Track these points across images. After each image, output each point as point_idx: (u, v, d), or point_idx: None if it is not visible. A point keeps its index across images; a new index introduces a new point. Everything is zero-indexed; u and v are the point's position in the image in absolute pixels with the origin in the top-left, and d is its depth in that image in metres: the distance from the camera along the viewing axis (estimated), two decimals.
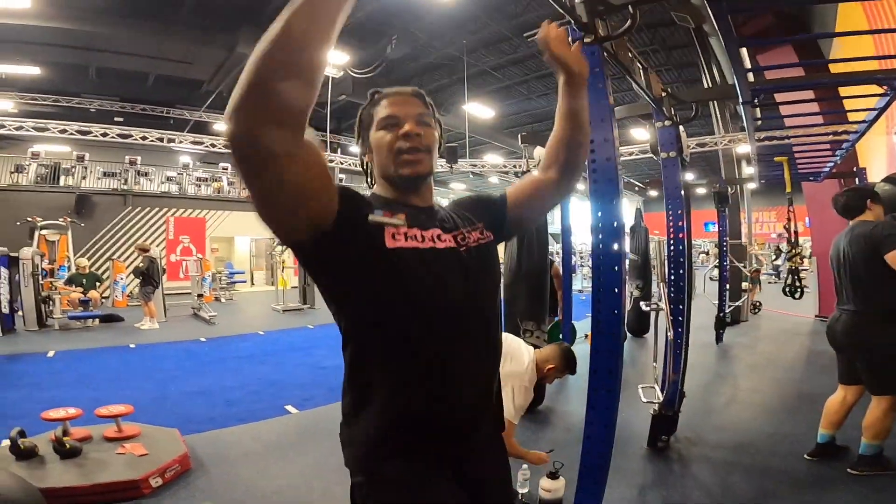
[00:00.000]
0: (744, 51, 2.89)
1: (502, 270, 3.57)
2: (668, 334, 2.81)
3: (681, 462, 2.76)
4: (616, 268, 1.58)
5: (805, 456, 2.69)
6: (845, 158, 4.30)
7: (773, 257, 16.90)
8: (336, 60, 10.33)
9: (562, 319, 4.27)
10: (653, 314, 3.26)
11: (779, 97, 3.78)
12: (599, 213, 1.66)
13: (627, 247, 7.36)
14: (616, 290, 1.57)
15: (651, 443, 2.90)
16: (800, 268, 5.02)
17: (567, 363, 2.35)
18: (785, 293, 4.92)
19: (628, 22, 1.97)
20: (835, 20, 4.10)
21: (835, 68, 2.73)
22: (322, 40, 0.57)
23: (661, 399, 2.91)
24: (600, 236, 1.64)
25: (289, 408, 3.74)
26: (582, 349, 2.05)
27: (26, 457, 2.37)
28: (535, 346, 3.56)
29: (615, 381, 1.62)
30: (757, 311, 8.40)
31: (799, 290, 5.03)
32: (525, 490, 2.42)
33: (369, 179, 0.98)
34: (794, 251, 4.41)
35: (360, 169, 1.07)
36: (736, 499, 2.32)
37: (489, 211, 1.02)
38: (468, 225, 0.95)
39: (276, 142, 0.57)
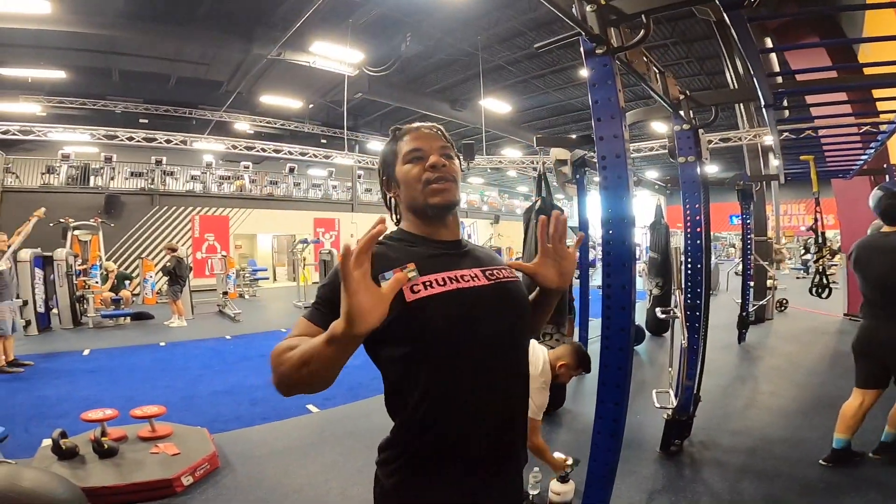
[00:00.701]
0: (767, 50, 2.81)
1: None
2: (683, 341, 2.79)
3: (692, 467, 2.77)
4: (625, 286, 1.60)
5: (820, 461, 2.67)
6: (876, 155, 4.15)
7: (803, 251, 16.36)
8: (351, 59, 10.41)
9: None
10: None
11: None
12: (609, 231, 1.67)
13: (647, 243, 7.27)
14: (624, 307, 1.59)
15: (664, 447, 2.91)
16: (827, 265, 4.88)
17: (579, 360, 2.41)
18: (811, 293, 4.80)
19: (641, 32, 1.95)
20: (863, 15, 3.93)
21: (868, 70, 2.64)
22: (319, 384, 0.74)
23: (675, 404, 2.91)
24: (609, 253, 1.65)
25: (310, 406, 3.86)
26: (596, 348, 2.06)
27: (68, 457, 2.52)
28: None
29: (623, 393, 1.64)
30: (783, 308, 8.19)
31: (826, 289, 4.89)
32: (536, 492, 2.47)
33: (395, 216, 1.01)
34: (820, 253, 4.30)
35: (376, 167, 1.10)
36: None
37: None
38: (496, 264, 0.98)
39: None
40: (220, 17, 9.96)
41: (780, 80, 2.53)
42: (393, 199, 1.00)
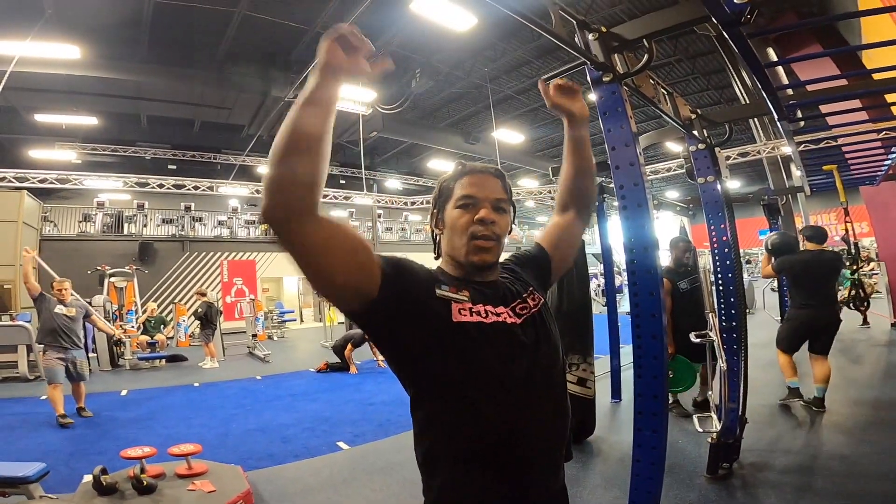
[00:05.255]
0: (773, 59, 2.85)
1: None
2: (722, 364, 2.70)
3: (745, 489, 2.62)
4: (654, 314, 1.59)
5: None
6: None
7: None
8: (364, 98, 10.82)
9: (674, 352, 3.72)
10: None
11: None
12: (633, 261, 1.67)
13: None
14: (655, 336, 1.58)
15: (711, 470, 2.78)
16: (861, 275, 4.70)
17: None
18: (849, 307, 4.61)
19: (645, 57, 1.99)
20: (859, 21, 3.92)
21: (878, 76, 2.64)
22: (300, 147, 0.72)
23: (719, 427, 2.79)
24: (635, 283, 1.65)
25: (341, 444, 3.84)
26: (627, 376, 2.00)
27: (108, 493, 2.57)
28: (582, 379, 3.51)
29: (661, 421, 1.61)
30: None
31: (865, 301, 4.69)
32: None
33: (436, 251, 1.01)
34: (856, 264, 4.22)
35: (395, 206, 1.12)
36: None
37: (534, 265, 1.07)
38: (524, 292, 0.97)
39: (296, 220, 0.71)
40: (238, 62, 10.54)
41: (790, 91, 2.55)
42: (438, 235, 0.99)
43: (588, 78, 1.96)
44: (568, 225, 1.14)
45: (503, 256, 1.02)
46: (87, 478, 2.71)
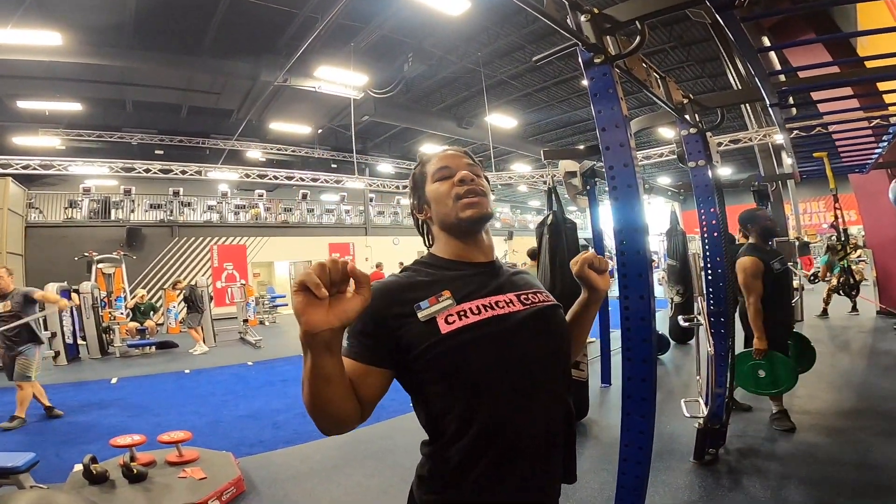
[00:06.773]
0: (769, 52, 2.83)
1: None
2: (710, 349, 2.73)
3: (730, 475, 2.67)
4: (643, 296, 1.58)
5: None
6: (890, 147, 4.07)
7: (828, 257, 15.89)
8: (355, 82, 10.63)
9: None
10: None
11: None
12: (623, 241, 1.66)
13: (664, 251, 7.16)
14: (644, 318, 1.57)
15: (698, 456, 2.82)
16: (850, 262, 4.78)
17: None
18: (839, 293, 4.71)
19: (637, 39, 1.96)
20: (855, 8, 3.90)
21: (870, 64, 2.63)
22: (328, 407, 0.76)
23: (706, 413, 2.83)
24: (624, 264, 1.64)
25: None
26: (618, 360, 2.01)
27: (98, 481, 2.57)
28: (576, 361, 3.52)
29: (649, 405, 1.61)
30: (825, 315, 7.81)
31: (855, 288, 4.79)
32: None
33: (427, 240, 1.00)
34: (843, 252, 4.26)
35: (387, 190, 1.08)
36: None
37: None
38: (532, 288, 0.96)
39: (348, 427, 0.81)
40: (227, 46, 10.30)
41: (782, 78, 2.53)
42: (424, 223, 1.00)
43: (580, 60, 1.92)
44: None
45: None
46: (78, 467, 2.71)
